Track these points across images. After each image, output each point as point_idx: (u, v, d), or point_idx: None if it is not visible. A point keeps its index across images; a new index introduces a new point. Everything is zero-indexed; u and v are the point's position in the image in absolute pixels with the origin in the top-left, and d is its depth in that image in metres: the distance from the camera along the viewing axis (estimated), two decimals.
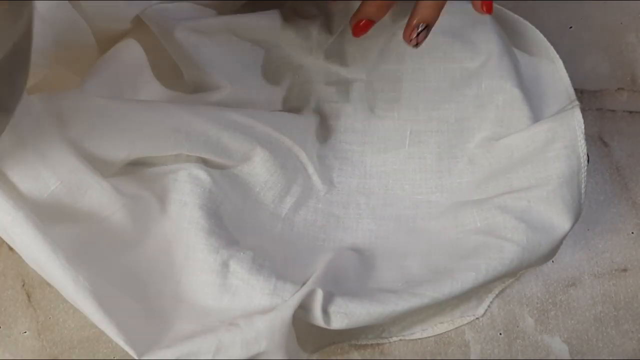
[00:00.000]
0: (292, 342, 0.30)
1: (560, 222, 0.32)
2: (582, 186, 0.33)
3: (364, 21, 0.35)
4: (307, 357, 0.35)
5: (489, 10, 0.34)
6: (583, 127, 0.33)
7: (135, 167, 0.34)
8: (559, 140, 0.33)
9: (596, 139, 0.43)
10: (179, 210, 0.34)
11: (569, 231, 0.32)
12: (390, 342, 0.38)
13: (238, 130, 0.35)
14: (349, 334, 0.37)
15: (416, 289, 0.31)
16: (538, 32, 0.38)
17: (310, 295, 0.30)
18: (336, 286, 0.34)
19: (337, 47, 0.40)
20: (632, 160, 0.43)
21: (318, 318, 0.30)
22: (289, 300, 0.30)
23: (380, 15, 0.35)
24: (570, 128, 0.33)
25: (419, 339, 0.38)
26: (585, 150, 0.33)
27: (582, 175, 0.33)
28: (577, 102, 0.35)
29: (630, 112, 0.44)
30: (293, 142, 0.38)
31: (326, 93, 0.41)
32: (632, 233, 0.41)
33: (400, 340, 0.38)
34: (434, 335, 0.38)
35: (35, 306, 0.38)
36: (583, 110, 0.42)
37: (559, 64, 0.36)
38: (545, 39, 0.38)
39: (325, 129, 0.41)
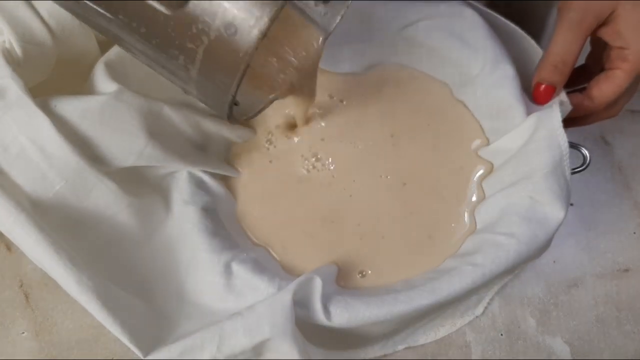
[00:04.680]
0: (298, 334, 0.32)
1: (553, 212, 0.34)
2: (567, 173, 0.35)
3: (543, 86, 0.37)
4: (322, 356, 0.36)
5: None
6: (560, 116, 0.35)
7: (138, 166, 0.36)
8: (539, 132, 0.36)
9: (598, 138, 0.45)
10: (181, 210, 0.36)
11: (563, 220, 0.34)
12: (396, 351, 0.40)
13: None
14: (353, 343, 0.39)
15: (415, 286, 0.33)
16: (533, 41, 0.40)
17: (308, 285, 0.32)
18: (334, 285, 0.36)
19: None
20: (634, 159, 0.45)
21: (318, 311, 0.32)
22: (288, 286, 0.32)
23: (559, 80, 0.37)
24: (549, 119, 0.36)
25: None
26: (565, 139, 0.35)
27: (565, 163, 0.35)
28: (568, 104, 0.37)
29: (632, 111, 0.46)
30: None
31: None
32: (634, 233, 0.43)
33: (406, 348, 0.40)
34: None
35: (33, 307, 0.40)
36: None
37: None
38: (538, 48, 0.40)
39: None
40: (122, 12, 0.26)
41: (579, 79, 0.39)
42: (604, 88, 0.37)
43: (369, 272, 0.38)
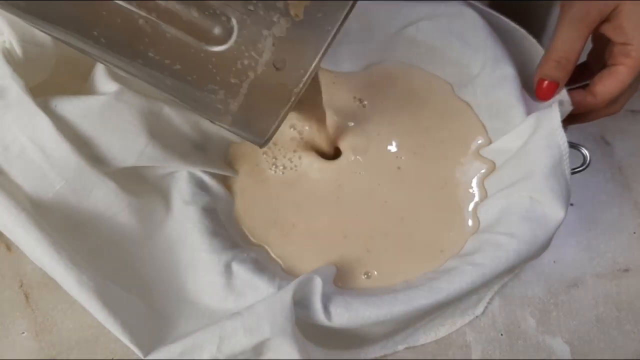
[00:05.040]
0: (299, 334, 0.32)
1: (553, 212, 0.34)
2: (567, 173, 0.35)
3: (546, 82, 0.37)
4: (323, 356, 0.36)
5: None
6: (559, 116, 0.36)
7: (138, 166, 0.36)
8: (539, 132, 0.36)
9: (598, 138, 0.45)
10: (181, 210, 0.36)
11: (563, 220, 0.34)
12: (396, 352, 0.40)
13: None
14: (354, 343, 0.39)
15: (415, 286, 0.34)
16: (534, 40, 0.40)
17: (308, 285, 0.32)
18: (333, 286, 0.36)
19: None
20: (634, 159, 0.45)
21: (318, 311, 0.32)
22: (288, 285, 0.32)
23: (562, 76, 0.37)
24: (549, 119, 0.36)
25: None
26: (565, 138, 0.36)
27: (565, 162, 0.35)
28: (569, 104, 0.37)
29: (632, 111, 0.46)
30: None
31: None
32: (634, 233, 0.43)
33: (406, 348, 0.40)
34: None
35: (33, 307, 0.40)
36: None
37: None
38: (540, 47, 0.40)
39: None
40: (153, 49, 0.25)
41: (580, 76, 0.39)
42: (607, 84, 0.37)
43: (375, 272, 0.38)
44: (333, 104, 0.42)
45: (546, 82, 0.37)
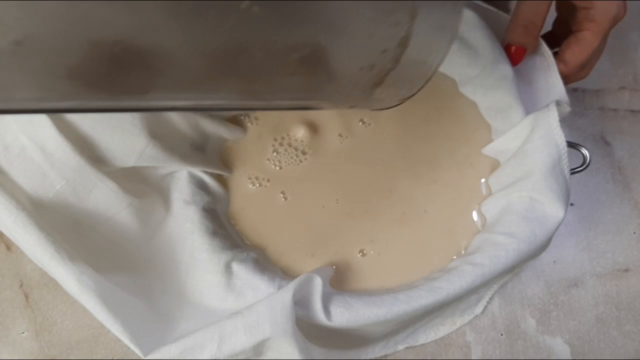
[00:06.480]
0: (299, 333, 0.32)
1: (553, 211, 0.34)
2: (566, 173, 0.35)
3: (514, 47, 0.38)
4: (323, 356, 0.36)
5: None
6: (557, 115, 0.36)
7: (138, 166, 0.36)
8: (537, 132, 0.36)
9: (598, 139, 0.45)
10: (181, 210, 0.36)
11: (562, 219, 0.34)
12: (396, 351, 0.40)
13: None
14: (354, 344, 0.39)
15: (414, 286, 0.34)
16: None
17: (309, 284, 0.33)
18: (331, 287, 0.36)
19: None
20: (634, 159, 0.45)
21: (318, 311, 0.32)
22: (288, 285, 0.32)
23: (530, 41, 0.37)
24: (547, 119, 0.36)
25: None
26: (563, 138, 0.35)
27: (564, 162, 0.35)
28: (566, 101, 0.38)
29: (632, 111, 0.46)
30: None
31: None
32: (634, 233, 0.43)
33: (406, 348, 0.40)
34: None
35: (33, 307, 0.40)
36: (585, 110, 0.45)
37: (553, 66, 0.38)
38: (544, 44, 0.40)
39: None
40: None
41: (547, 44, 0.40)
42: (576, 51, 0.37)
43: (376, 267, 0.38)
44: None
45: (514, 48, 0.38)
